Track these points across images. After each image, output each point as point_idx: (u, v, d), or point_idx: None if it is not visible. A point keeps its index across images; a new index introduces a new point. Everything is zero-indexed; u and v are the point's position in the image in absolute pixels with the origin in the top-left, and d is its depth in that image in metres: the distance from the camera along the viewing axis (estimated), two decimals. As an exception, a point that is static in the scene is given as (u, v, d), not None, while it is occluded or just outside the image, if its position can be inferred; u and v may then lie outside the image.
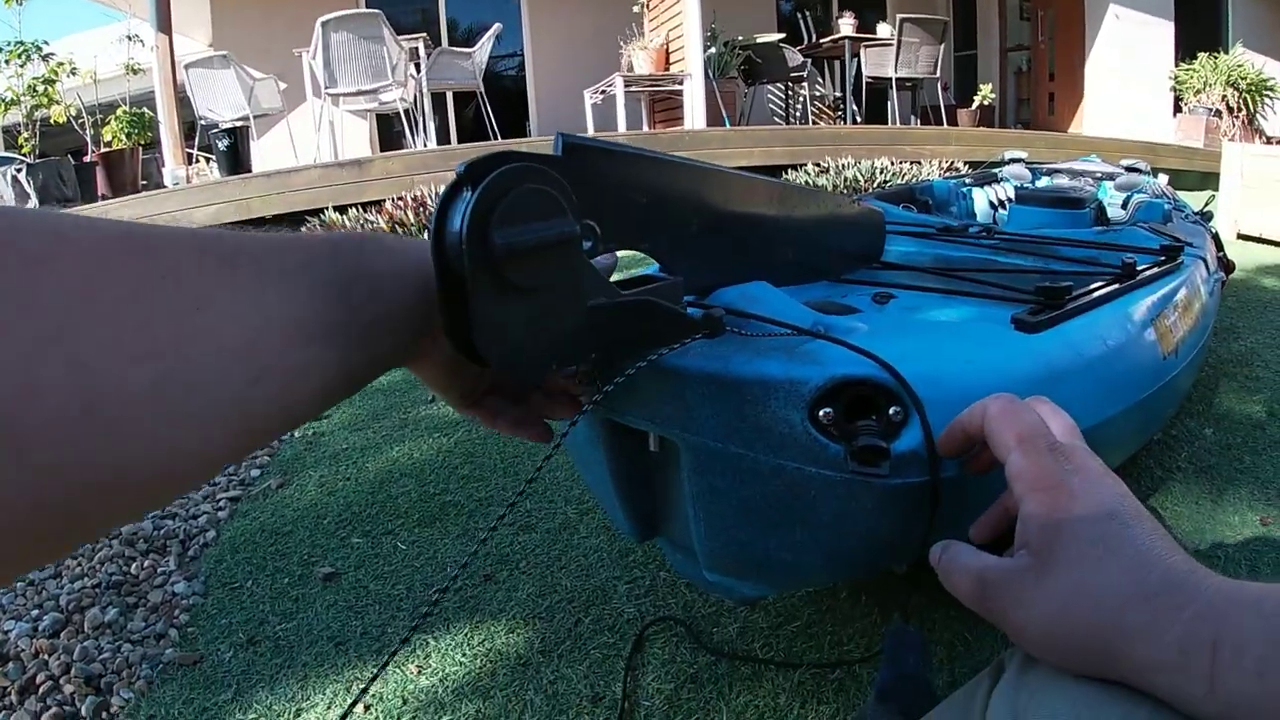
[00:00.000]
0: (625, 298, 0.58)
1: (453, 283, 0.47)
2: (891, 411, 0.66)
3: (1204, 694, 0.36)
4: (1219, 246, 1.99)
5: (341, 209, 4.85)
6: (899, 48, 7.60)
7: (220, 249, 0.37)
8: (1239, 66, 9.27)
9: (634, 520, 0.87)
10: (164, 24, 6.58)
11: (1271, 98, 9.44)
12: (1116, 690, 0.40)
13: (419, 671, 1.18)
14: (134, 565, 1.53)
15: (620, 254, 0.64)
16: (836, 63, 9.24)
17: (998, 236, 1.50)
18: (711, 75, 7.14)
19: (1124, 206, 2.20)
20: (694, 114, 6.85)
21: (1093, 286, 1.03)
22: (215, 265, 0.36)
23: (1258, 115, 9.32)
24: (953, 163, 6.32)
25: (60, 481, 0.29)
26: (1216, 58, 9.46)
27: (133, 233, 0.34)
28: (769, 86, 9.40)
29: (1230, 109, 9.16)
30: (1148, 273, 1.18)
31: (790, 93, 9.54)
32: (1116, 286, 1.05)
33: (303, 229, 4.80)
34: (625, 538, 1.34)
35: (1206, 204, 2.93)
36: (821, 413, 0.66)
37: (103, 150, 6.11)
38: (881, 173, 5.63)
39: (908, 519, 0.68)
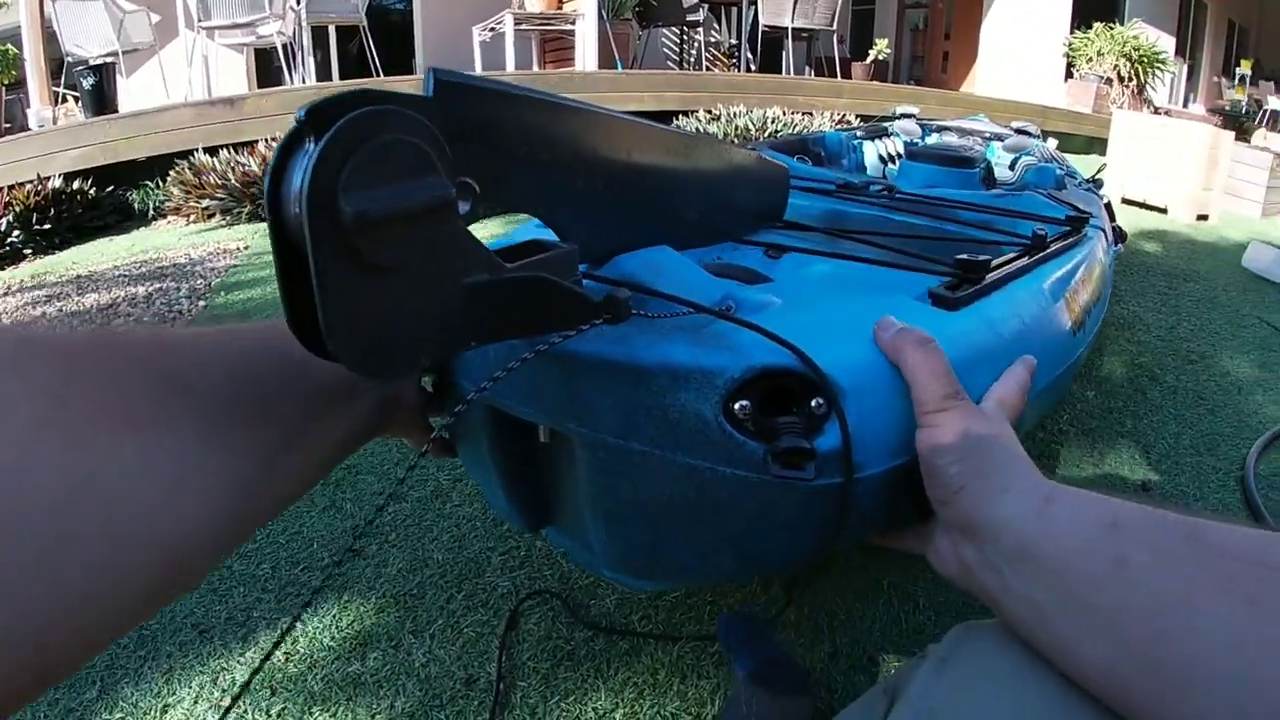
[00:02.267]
0: (510, 273, 0.49)
1: (292, 260, 0.39)
2: (813, 404, 0.60)
3: (1034, 516, 0.48)
4: (1111, 216, 2.03)
5: (213, 150, 4.61)
6: (797, -5, 7.58)
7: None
8: (1134, 38, 9.63)
9: (522, 513, 0.82)
10: (31, -48, 6.14)
11: (1162, 70, 9.83)
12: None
13: (286, 659, 1.13)
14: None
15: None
16: (734, 9, 9.19)
17: (899, 196, 1.46)
18: (605, 16, 7.00)
19: (1011, 168, 2.23)
20: (586, 55, 6.73)
21: (1007, 259, 0.99)
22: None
23: (1148, 86, 9.72)
24: (844, 115, 6.37)
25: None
26: (1112, 28, 9.81)
27: None
28: (664, 30, 9.30)
29: (1121, 78, 9.52)
30: (1055, 245, 1.16)
31: (685, 38, 9.46)
32: (1028, 260, 1.02)
33: (170, 172, 4.56)
34: (516, 528, 1.29)
35: (1098, 172, 3.02)
36: (737, 406, 0.59)
37: (-37, 90, 5.69)
38: (773, 122, 5.63)
39: (827, 518, 0.63)
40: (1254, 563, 0.38)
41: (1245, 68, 13.14)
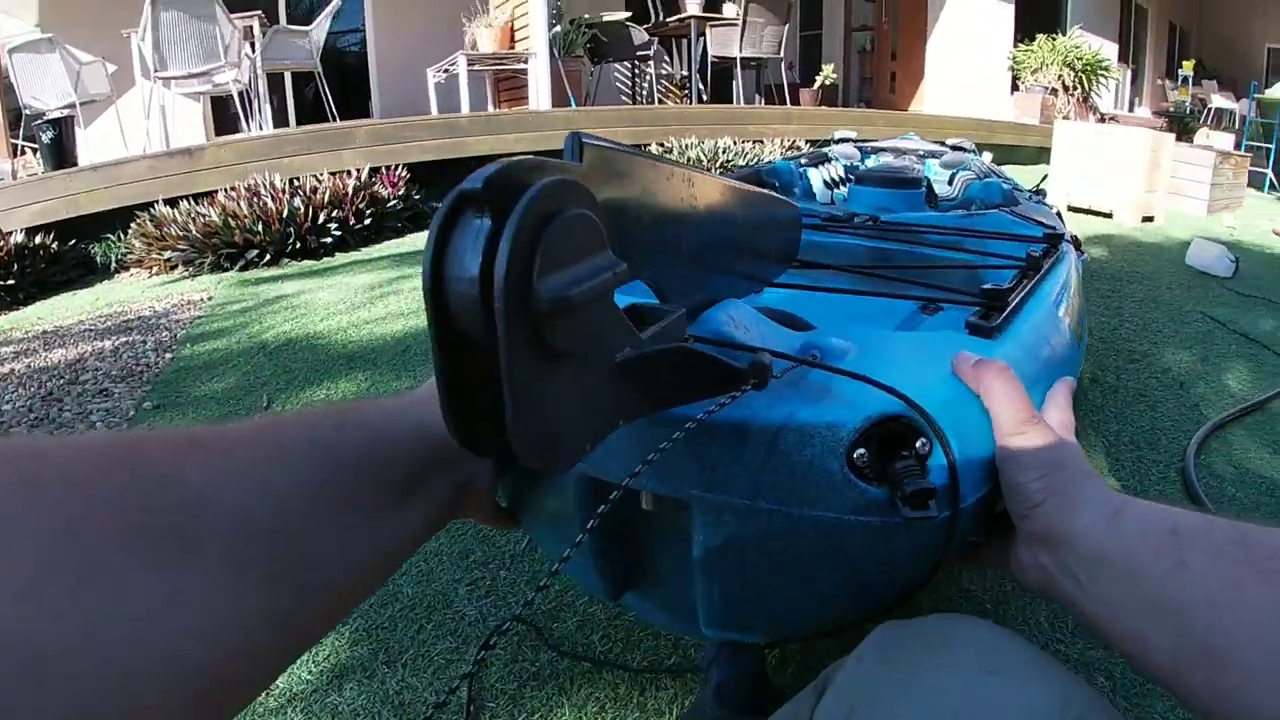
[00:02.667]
0: (653, 346, 0.47)
1: (462, 353, 0.37)
2: (919, 445, 0.62)
3: (1106, 525, 0.53)
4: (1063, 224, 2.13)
5: (172, 202, 4.66)
6: (744, 28, 7.75)
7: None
8: (1076, 47, 9.94)
9: (608, 580, 0.78)
10: (-12, 5, 6.17)
11: (1105, 77, 10.15)
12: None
13: (266, 694, 1.18)
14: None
15: None
16: (683, 42, 9.35)
17: (884, 226, 1.49)
18: (557, 54, 7.11)
19: (949, 183, 2.27)
20: (539, 93, 6.83)
21: (1016, 283, 1.03)
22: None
23: (1092, 93, 10.02)
24: (794, 141, 6.52)
25: None
26: (1054, 39, 10.11)
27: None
28: (616, 65, 9.44)
29: (1066, 88, 9.82)
30: (1046, 263, 1.20)
31: (637, 72, 9.60)
32: (1032, 281, 1.06)
33: (132, 225, 4.62)
34: (595, 596, 1.30)
35: (1040, 182, 3.13)
36: (856, 455, 0.60)
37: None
38: (724, 152, 5.76)
39: (936, 550, 0.66)
40: None
41: (1188, 69, 13.50)
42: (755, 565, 0.66)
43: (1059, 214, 2.14)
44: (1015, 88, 10.44)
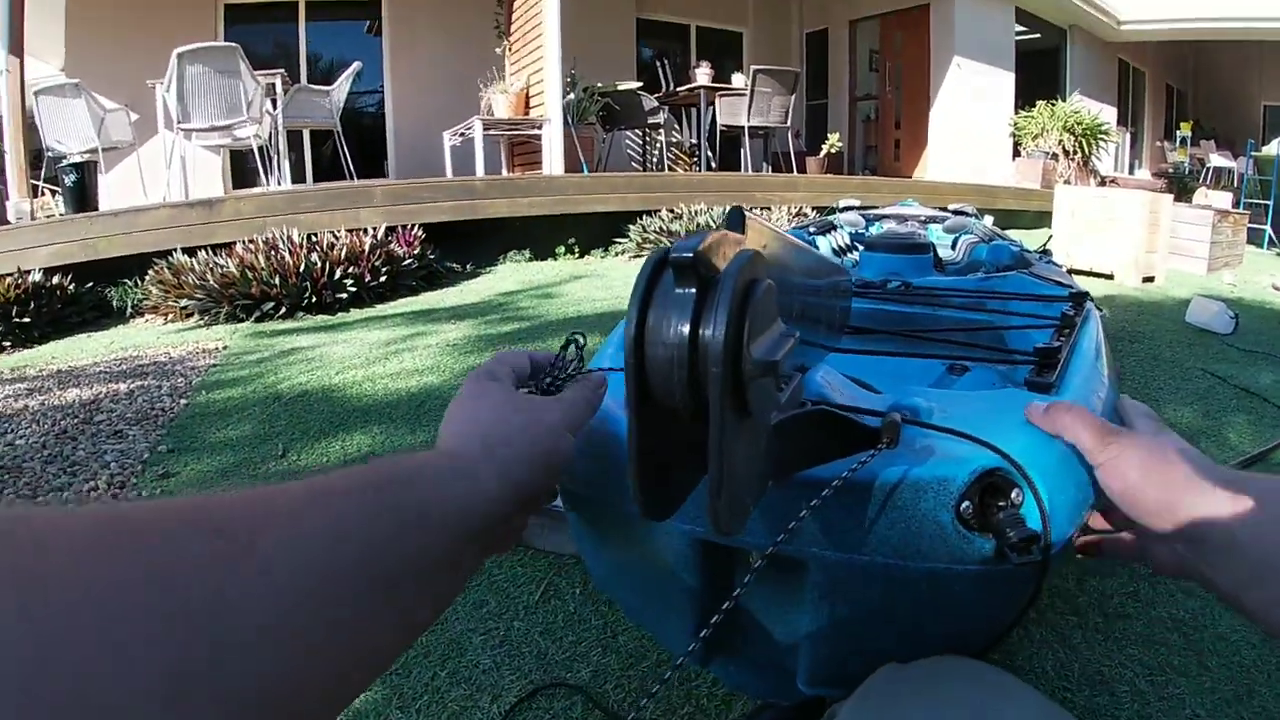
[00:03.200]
0: (805, 410, 0.52)
1: (665, 420, 0.39)
2: (1014, 495, 0.65)
3: (1235, 513, 0.53)
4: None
5: (190, 251, 4.75)
6: (752, 97, 7.94)
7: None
8: (1075, 113, 10.17)
9: (706, 643, 0.74)
10: (16, 46, 6.30)
11: (1105, 140, 10.40)
12: None
13: None
14: None
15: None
16: (693, 110, 9.56)
17: (916, 292, 1.54)
18: (570, 121, 7.29)
19: (953, 247, 2.30)
20: (552, 159, 6.98)
21: (1059, 342, 1.07)
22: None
23: (1092, 157, 10.24)
24: (800, 208, 6.66)
25: None
26: (1054, 105, 10.37)
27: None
28: (627, 133, 9.66)
29: (1066, 152, 10.04)
30: (1077, 321, 1.23)
31: (648, 139, 9.82)
32: (1070, 339, 1.10)
33: (149, 271, 4.71)
34: (687, 662, 1.31)
35: (1045, 243, 3.19)
36: (963, 507, 0.64)
37: (-57, 179, 5.80)
38: (732, 220, 5.85)
39: (1027, 596, 0.69)
40: None
41: (1185, 130, 13.77)
42: (866, 619, 0.69)
43: (1069, 273, 2.17)
44: (1017, 153, 10.70)
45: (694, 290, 0.36)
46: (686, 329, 0.36)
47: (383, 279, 4.71)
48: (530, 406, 0.54)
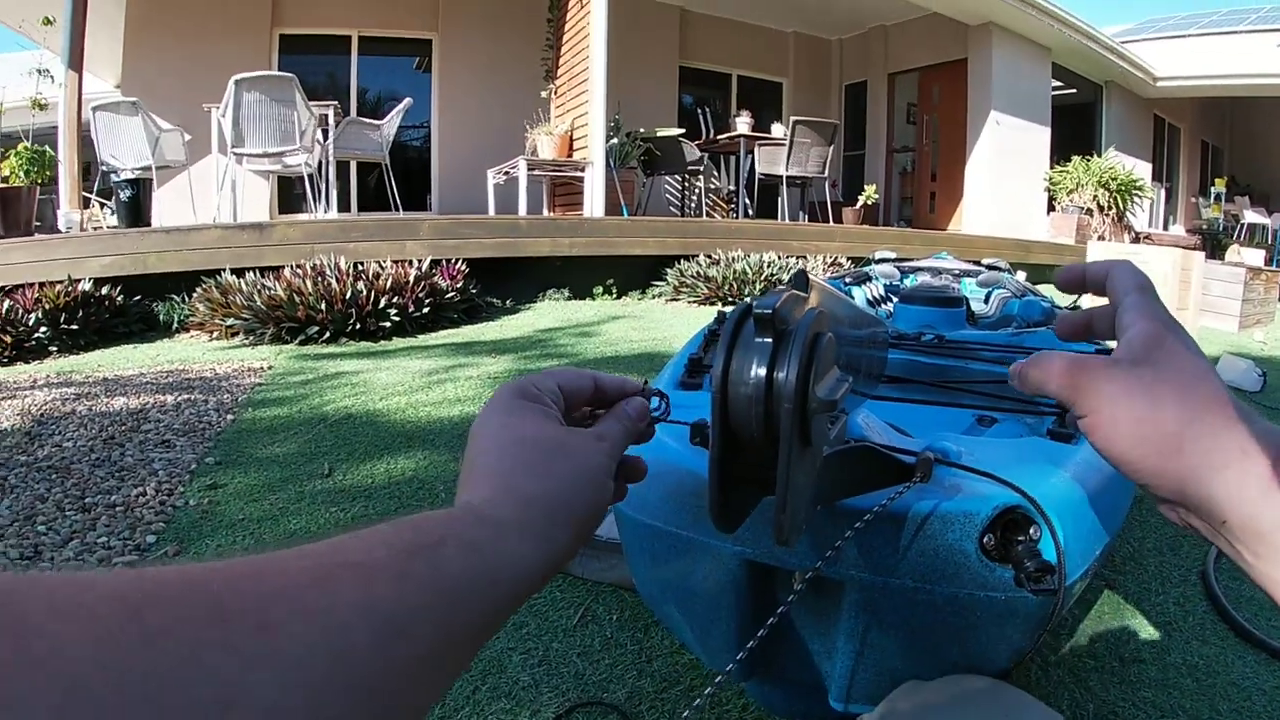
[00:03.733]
0: (851, 445, 0.59)
1: (737, 448, 0.45)
2: (1031, 531, 0.72)
3: (1260, 494, 0.41)
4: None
5: (239, 272, 4.87)
6: (791, 147, 8.05)
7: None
8: (1111, 168, 10.20)
9: (748, 660, 0.79)
10: (75, 61, 6.52)
11: (1140, 196, 10.41)
12: None
13: None
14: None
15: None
16: (732, 158, 9.69)
17: (949, 345, 1.58)
18: (612, 164, 7.42)
19: (985, 301, 2.34)
20: (594, 201, 7.11)
21: None
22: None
23: (1127, 213, 10.23)
24: (835, 258, 6.72)
25: None
26: (1089, 160, 10.42)
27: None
28: (667, 178, 9.79)
29: (1101, 208, 10.06)
30: None
31: (687, 184, 9.95)
32: None
33: (197, 289, 4.83)
34: (726, 678, 1.30)
35: (1076, 300, 3.20)
36: (985, 539, 0.71)
37: (-1, 185, 5.97)
38: (769, 266, 5.96)
39: (1042, 624, 0.75)
40: None
41: (1220, 186, 13.76)
42: (896, 638, 0.76)
43: None
44: (1052, 208, 10.74)
45: (770, 340, 0.43)
46: (764, 371, 0.43)
47: (425, 310, 4.81)
48: (574, 448, 0.47)
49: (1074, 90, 12.32)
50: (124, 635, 0.26)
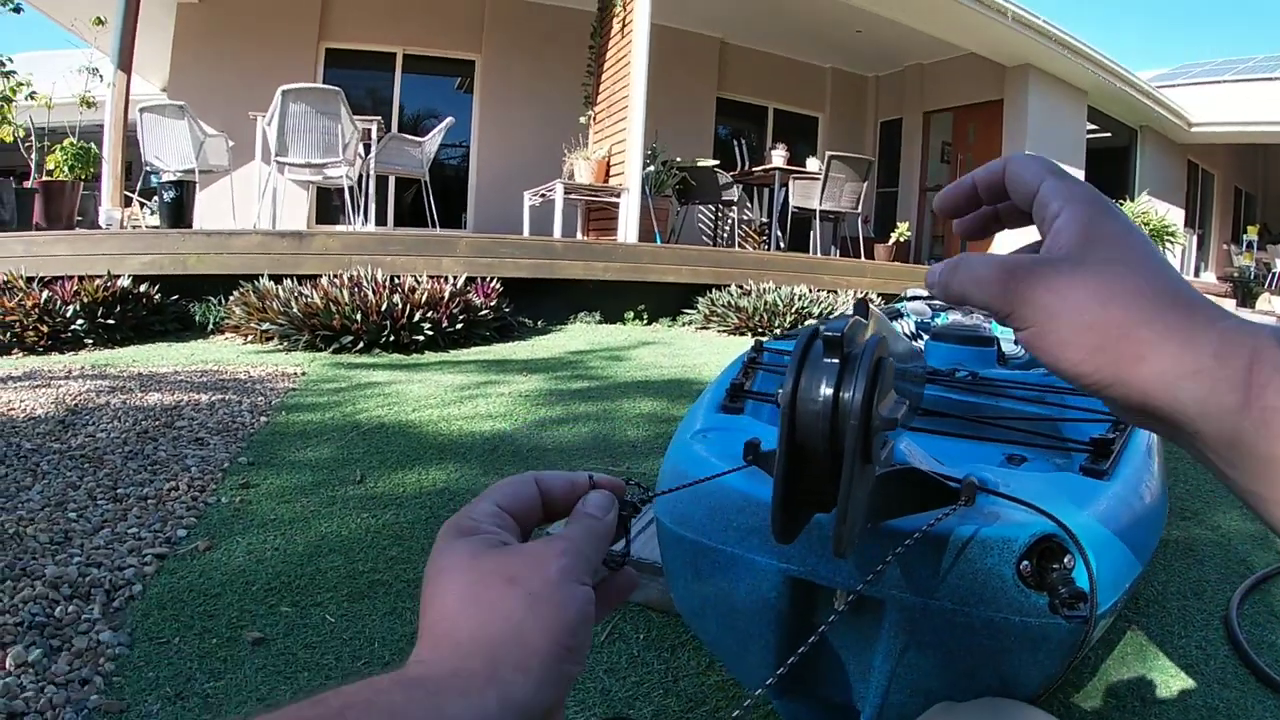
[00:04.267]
0: (900, 466, 0.61)
1: (804, 463, 0.46)
2: (1066, 560, 0.74)
3: (1238, 404, 0.34)
4: None
5: (276, 278, 4.92)
6: (825, 182, 8.07)
7: None
8: (1144, 213, 10.15)
9: (785, 677, 0.75)
10: (125, 62, 6.66)
11: (1173, 242, 10.34)
12: None
13: None
14: (58, 609, 1.56)
15: None
16: (766, 190, 9.72)
17: (981, 382, 1.58)
18: (648, 192, 7.46)
19: (1016, 342, 2.34)
20: (628, 227, 7.14)
21: (1113, 432, 1.14)
22: None
23: None
24: (866, 293, 6.69)
25: None
26: (1123, 204, 10.40)
27: None
28: (700, 207, 9.83)
29: None
30: None
31: (720, 214, 9.98)
32: (1123, 433, 1.15)
33: (235, 292, 4.88)
34: (764, 693, 1.35)
35: None
36: (1022, 565, 0.73)
37: (44, 179, 6.06)
38: (800, 299, 5.97)
39: (1072, 652, 0.76)
40: None
41: (1252, 233, 13.64)
42: (932, 659, 0.77)
43: None
44: (1084, 251, 10.65)
45: (837, 361, 0.45)
46: (832, 390, 0.45)
47: (459, 326, 4.84)
48: (519, 568, 0.40)
49: (1109, 134, 12.30)
50: None
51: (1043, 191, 0.44)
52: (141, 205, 7.63)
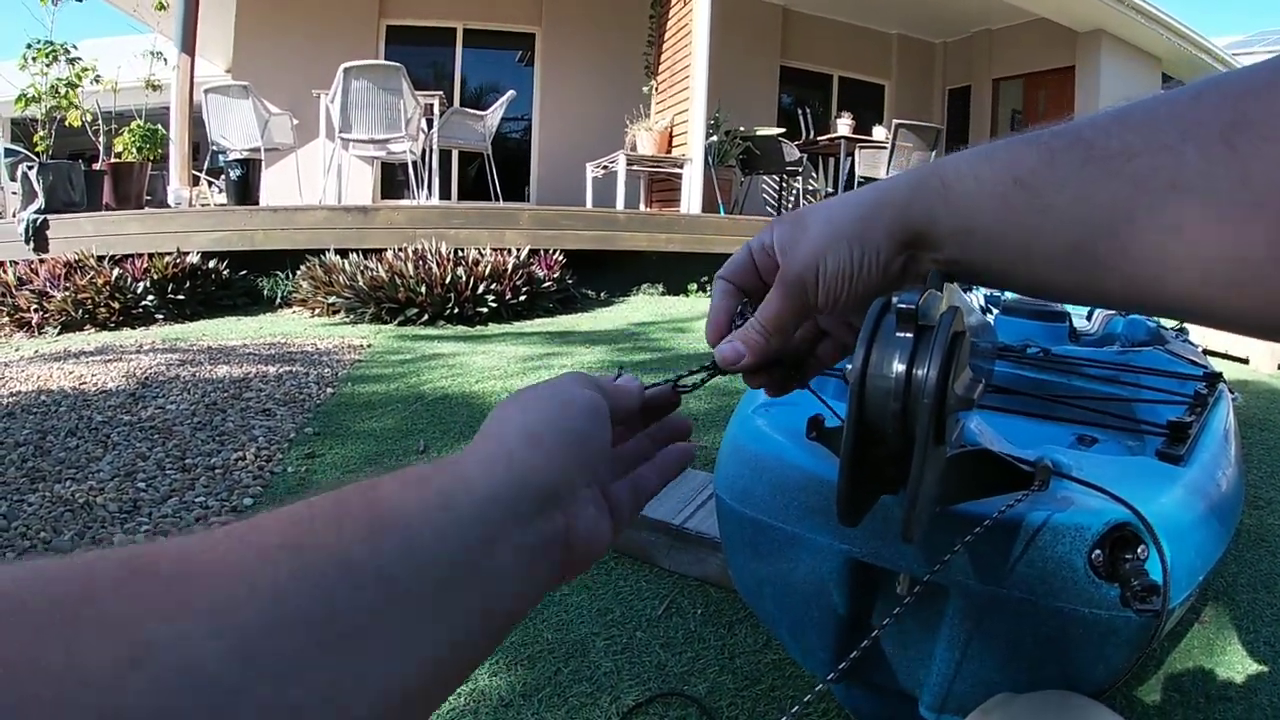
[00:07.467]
0: (971, 448, 0.59)
1: (872, 443, 0.44)
2: (1140, 550, 0.70)
3: (945, 209, 0.45)
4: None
5: (342, 253, 4.96)
6: (892, 151, 7.88)
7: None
8: None
9: (849, 663, 0.75)
10: (188, 45, 6.76)
11: None
12: None
13: None
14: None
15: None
16: (831, 160, 9.54)
17: (1053, 359, 1.55)
18: (711, 162, 7.36)
19: (1088, 318, 2.30)
20: (691, 198, 7.05)
21: (1191, 416, 1.11)
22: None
23: None
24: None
25: None
26: None
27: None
28: (765, 178, 9.68)
29: None
30: (1210, 399, 1.26)
31: (784, 185, 9.81)
32: (1200, 417, 1.13)
33: (301, 267, 4.94)
34: (820, 680, 1.29)
35: (1180, 323, 3.07)
36: (1094, 554, 0.69)
37: (112, 160, 6.19)
38: (865, 273, 5.81)
39: (1141, 648, 0.72)
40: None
41: None
42: (996, 649, 0.74)
43: (1203, 353, 2.12)
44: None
45: (911, 335, 0.42)
46: (904, 366, 0.42)
47: (522, 298, 4.84)
48: (567, 383, 0.45)
49: (1183, 100, 11.84)
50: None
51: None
52: (209, 184, 7.75)
